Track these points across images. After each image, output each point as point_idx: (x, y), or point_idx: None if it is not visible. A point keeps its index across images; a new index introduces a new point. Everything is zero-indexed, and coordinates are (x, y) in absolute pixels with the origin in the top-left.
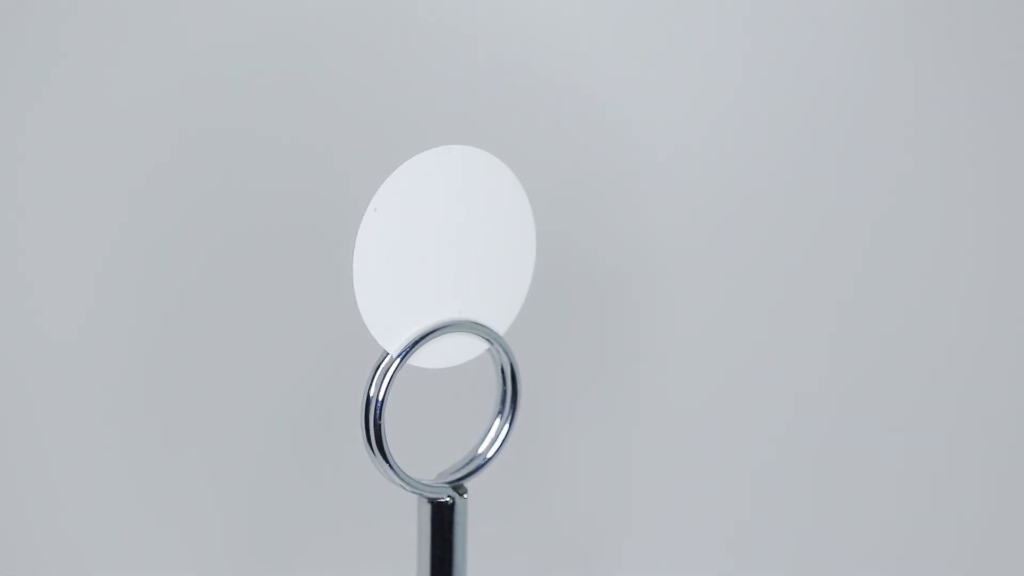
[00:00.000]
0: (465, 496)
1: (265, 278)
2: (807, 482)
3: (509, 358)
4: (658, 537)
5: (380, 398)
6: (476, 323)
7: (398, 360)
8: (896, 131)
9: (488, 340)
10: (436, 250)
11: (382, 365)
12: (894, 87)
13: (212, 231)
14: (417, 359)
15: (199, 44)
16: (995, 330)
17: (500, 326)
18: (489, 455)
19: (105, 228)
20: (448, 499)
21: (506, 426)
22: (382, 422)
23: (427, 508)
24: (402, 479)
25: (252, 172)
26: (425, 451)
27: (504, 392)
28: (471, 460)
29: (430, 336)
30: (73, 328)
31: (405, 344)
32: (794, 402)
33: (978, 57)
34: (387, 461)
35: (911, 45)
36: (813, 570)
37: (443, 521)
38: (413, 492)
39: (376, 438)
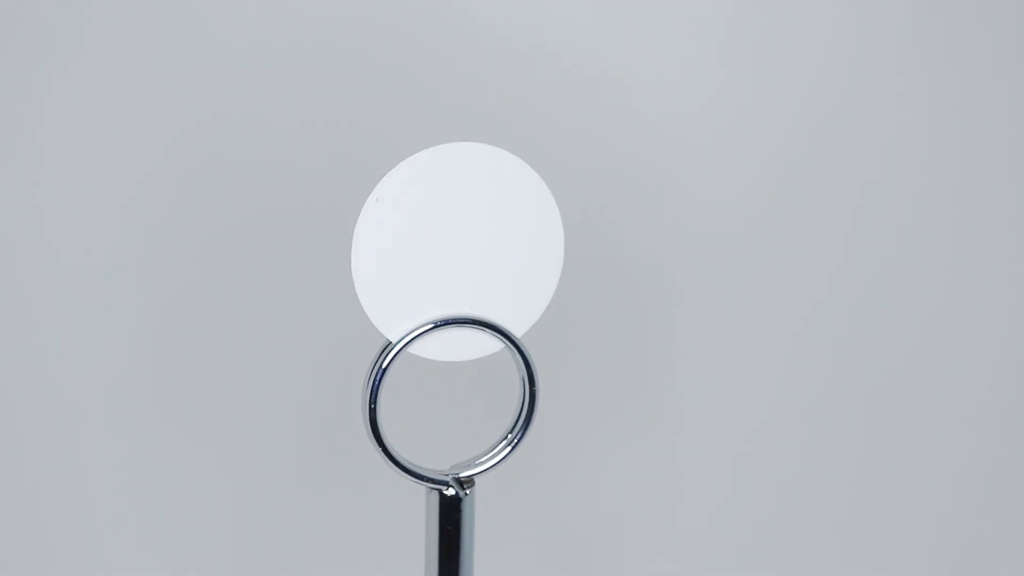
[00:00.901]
0: (469, 491)
1: (268, 278)
2: (807, 482)
3: (525, 361)
4: (659, 537)
5: (378, 376)
6: (486, 322)
7: (398, 347)
8: (897, 130)
9: (501, 340)
10: (447, 246)
11: (383, 352)
12: (895, 86)
13: (213, 230)
14: (427, 351)
15: (200, 43)
16: (995, 330)
17: (519, 327)
18: (499, 456)
19: (105, 227)
20: (452, 491)
21: (519, 433)
22: (376, 405)
23: (435, 501)
24: (398, 465)
25: (252, 172)
26: (445, 447)
27: (522, 396)
28: (480, 458)
29: (435, 329)
30: (73, 327)
31: (405, 333)
32: (795, 402)
33: (977, 57)
34: (381, 444)
35: (911, 45)
36: (813, 570)
37: (450, 514)
38: (413, 481)
39: (372, 421)
